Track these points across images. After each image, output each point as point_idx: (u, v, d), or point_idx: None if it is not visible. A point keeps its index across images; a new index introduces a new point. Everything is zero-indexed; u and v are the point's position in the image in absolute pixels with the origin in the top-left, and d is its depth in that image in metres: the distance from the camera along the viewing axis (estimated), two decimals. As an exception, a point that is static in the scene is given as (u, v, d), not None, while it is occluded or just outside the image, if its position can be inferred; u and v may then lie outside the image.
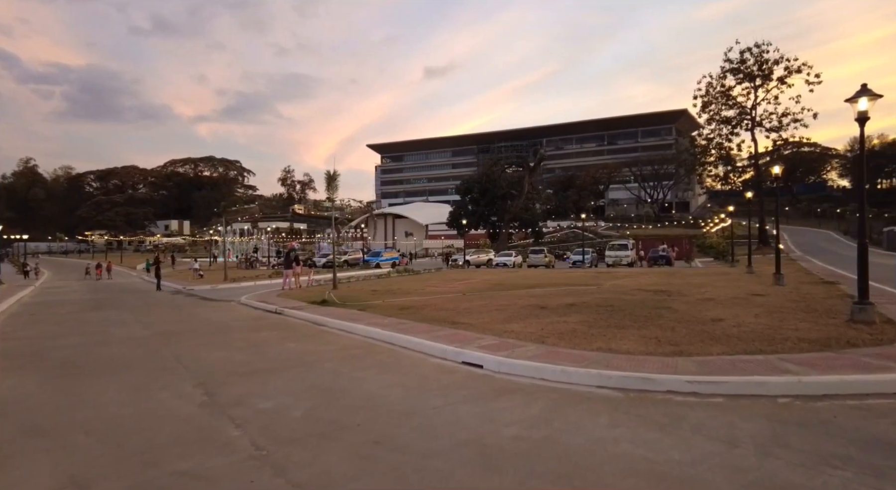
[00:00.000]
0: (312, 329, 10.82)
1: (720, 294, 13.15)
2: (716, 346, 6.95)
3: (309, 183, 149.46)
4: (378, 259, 42.89)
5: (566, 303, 12.12)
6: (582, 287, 16.93)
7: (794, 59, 50.80)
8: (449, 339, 8.30)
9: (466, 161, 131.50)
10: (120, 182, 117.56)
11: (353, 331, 10.11)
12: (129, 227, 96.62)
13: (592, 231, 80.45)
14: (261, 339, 9.59)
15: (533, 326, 9.06)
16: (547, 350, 7.18)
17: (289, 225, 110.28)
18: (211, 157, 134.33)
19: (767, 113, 53.12)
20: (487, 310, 11.58)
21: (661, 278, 19.91)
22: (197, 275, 30.63)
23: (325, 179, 18.74)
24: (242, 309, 15.30)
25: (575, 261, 36.47)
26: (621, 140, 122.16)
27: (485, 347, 7.50)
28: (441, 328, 9.41)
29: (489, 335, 8.49)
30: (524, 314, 10.62)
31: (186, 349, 8.81)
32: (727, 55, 53.35)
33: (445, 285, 20.28)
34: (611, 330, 8.44)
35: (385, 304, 13.53)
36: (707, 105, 55.78)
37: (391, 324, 10.11)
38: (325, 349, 8.45)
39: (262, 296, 17.78)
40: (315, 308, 13.56)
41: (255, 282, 26.12)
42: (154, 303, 17.92)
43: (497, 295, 15.16)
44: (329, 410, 5.12)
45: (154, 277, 24.26)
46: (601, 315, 10.02)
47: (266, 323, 11.95)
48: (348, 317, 11.44)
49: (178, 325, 11.89)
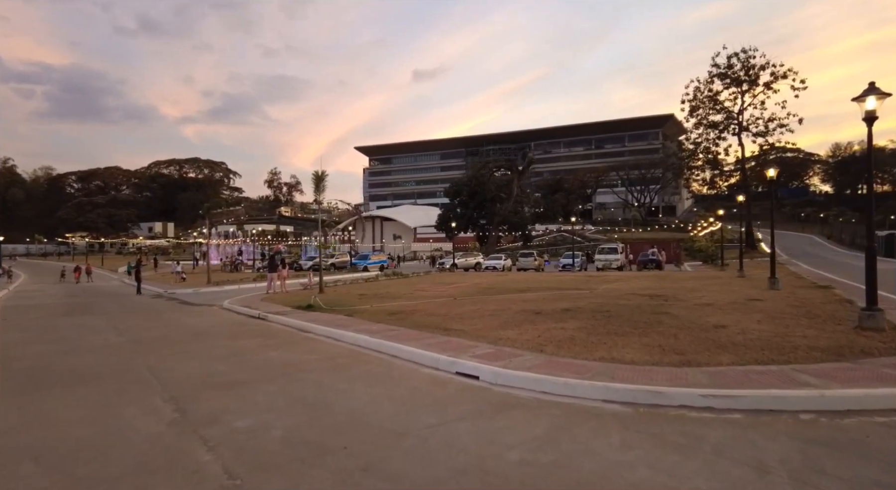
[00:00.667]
0: (297, 336, 10.30)
1: (717, 299, 12.86)
2: (724, 354, 6.58)
3: (296, 185, 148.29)
4: (366, 262, 42.30)
5: (561, 308, 11.73)
6: (575, 291, 16.59)
7: (780, 64, 51.32)
8: (441, 347, 7.85)
9: (455, 164, 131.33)
10: (102, 183, 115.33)
11: (339, 338, 9.62)
12: (112, 228, 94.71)
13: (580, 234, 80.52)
14: (241, 347, 9.06)
15: (529, 333, 8.64)
16: (546, 360, 6.76)
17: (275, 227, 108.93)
18: (196, 158, 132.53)
19: (754, 118, 53.58)
20: (480, 315, 11.15)
21: (653, 282, 19.66)
22: (179, 278, 29.83)
23: (312, 181, 18.20)
24: (224, 314, 14.71)
25: (565, 264, 36.22)
26: (609, 144, 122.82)
27: (480, 357, 7.06)
28: (432, 335, 8.96)
29: (484, 343, 8.06)
30: (519, 320, 10.20)
31: (161, 358, 8.25)
32: (714, 60, 53.75)
33: (435, 289, 19.83)
34: (611, 337, 8.05)
35: (373, 309, 13.05)
36: (695, 109, 56.11)
37: (380, 330, 9.64)
38: (309, 358, 7.95)
39: (246, 300, 17.19)
40: (300, 313, 13.04)
41: (238, 285, 25.44)
42: (132, 307, 17.23)
43: (489, 299, 14.74)
44: (313, 430, 4.65)
45: (135, 281, 23.45)
46: (599, 321, 9.63)
47: (248, 329, 11.40)
48: (335, 323, 10.94)
49: (154, 332, 11.30)
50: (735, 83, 53.36)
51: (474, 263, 40.43)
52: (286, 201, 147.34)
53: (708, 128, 55.96)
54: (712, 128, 55.94)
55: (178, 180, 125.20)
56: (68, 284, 30.38)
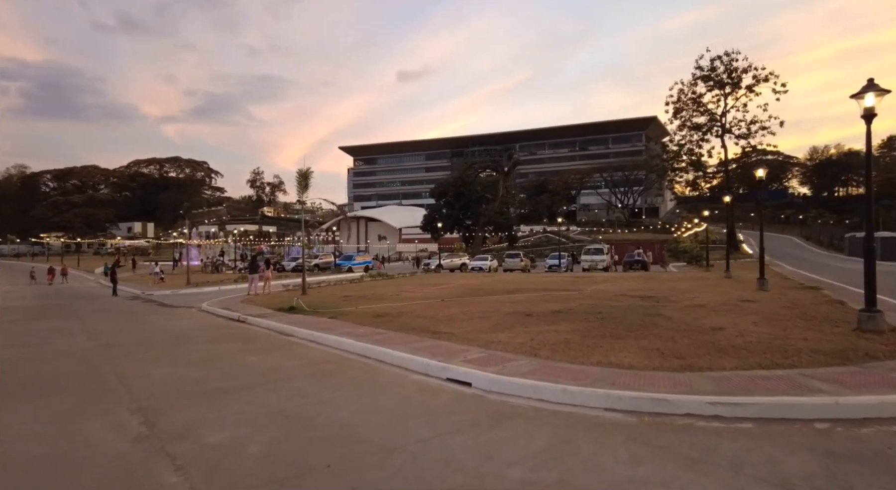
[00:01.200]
0: (278, 340, 9.86)
1: (709, 300, 12.70)
2: (726, 358, 6.33)
3: (279, 185, 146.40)
4: (350, 263, 41.68)
5: (552, 309, 11.45)
6: (564, 292, 16.35)
7: (762, 68, 52.03)
8: (431, 351, 7.50)
9: (440, 165, 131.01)
10: (79, 182, 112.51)
11: (323, 342, 9.20)
12: (89, 228, 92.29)
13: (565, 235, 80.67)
14: (219, 352, 8.60)
15: (521, 336, 8.33)
16: (542, 364, 6.44)
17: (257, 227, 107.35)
18: (177, 157, 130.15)
19: (736, 120, 54.25)
20: (469, 317, 10.81)
21: (641, 283, 19.53)
22: (158, 279, 29.01)
23: (297, 179, 17.69)
24: (203, 316, 14.17)
25: (551, 265, 36.08)
26: (593, 146, 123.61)
27: (472, 362, 6.72)
28: (421, 339, 8.60)
29: (475, 347, 7.73)
30: (510, 322, 9.89)
31: (133, 364, 7.76)
32: (698, 63, 54.31)
33: (421, 290, 19.46)
34: (606, 340, 7.77)
35: (359, 312, 12.63)
36: (679, 111, 56.61)
37: (366, 334, 9.25)
38: (291, 364, 7.53)
39: (226, 302, 16.64)
40: (282, 316, 12.57)
41: (219, 286, 24.78)
42: (106, 310, 16.56)
43: (477, 301, 14.42)
44: (293, 445, 4.25)
45: (111, 282, 22.64)
46: (592, 323, 9.36)
47: (227, 332, 10.92)
48: (319, 326, 10.52)
49: (128, 335, 10.75)
50: (718, 86, 53.97)
51: (460, 264, 40.01)
52: (269, 201, 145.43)
53: (692, 129, 56.53)
54: (696, 129, 56.51)
55: (159, 180, 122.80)
56: (40, 286, 29.34)
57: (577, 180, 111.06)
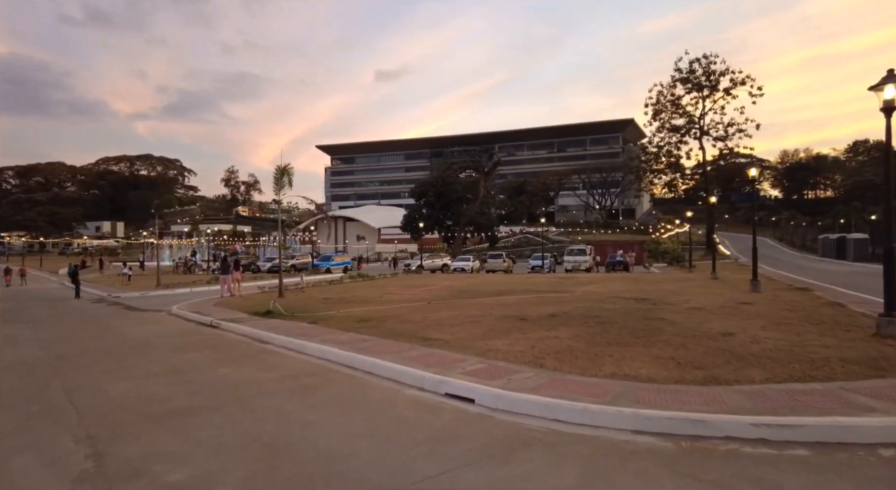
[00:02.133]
0: (253, 348, 9.02)
1: (705, 302, 12.28)
2: (750, 369, 5.79)
3: (254, 184, 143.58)
4: (328, 264, 40.64)
5: (547, 313, 10.86)
6: (553, 294, 15.81)
7: (739, 71, 52.73)
8: (424, 361, 6.80)
9: (419, 165, 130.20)
10: (44, 179, 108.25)
11: (303, 350, 8.41)
12: (54, 228, 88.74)
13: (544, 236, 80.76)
14: (187, 363, 7.74)
15: (521, 344, 7.69)
16: (550, 377, 5.81)
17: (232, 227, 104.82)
18: (149, 155, 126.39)
19: (714, 122, 54.87)
20: (461, 322, 10.14)
21: (629, 284, 19.14)
22: (125, 279, 27.62)
23: (274, 175, 16.77)
24: (172, 321, 13.19)
25: (534, 266, 35.68)
26: (571, 147, 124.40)
27: (472, 374, 6.05)
28: (411, 346, 7.90)
29: (471, 355, 7.06)
30: (505, 328, 9.25)
31: (87, 378, 6.87)
32: (677, 65, 54.76)
33: (405, 292, 18.72)
34: (613, 348, 7.19)
35: (340, 316, 11.86)
36: (658, 113, 57.02)
37: (350, 341, 8.50)
38: (268, 377, 6.75)
39: (198, 305, 15.65)
40: (258, 320, 11.72)
41: (191, 288, 23.61)
42: (66, 314, 15.39)
43: (465, 303, 13.76)
44: (272, 484, 3.52)
45: (72, 283, 21.27)
46: (593, 328, 8.78)
47: (197, 339, 10.03)
48: (298, 332, 9.72)
49: (86, 344, 9.77)
50: (696, 88, 54.50)
51: (441, 265, 39.25)
52: (244, 201, 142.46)
53: (670, 131, 56.99)
54: (674, 131, 56.99)
55: (129, 178, 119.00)
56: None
57: (555, 181, 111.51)
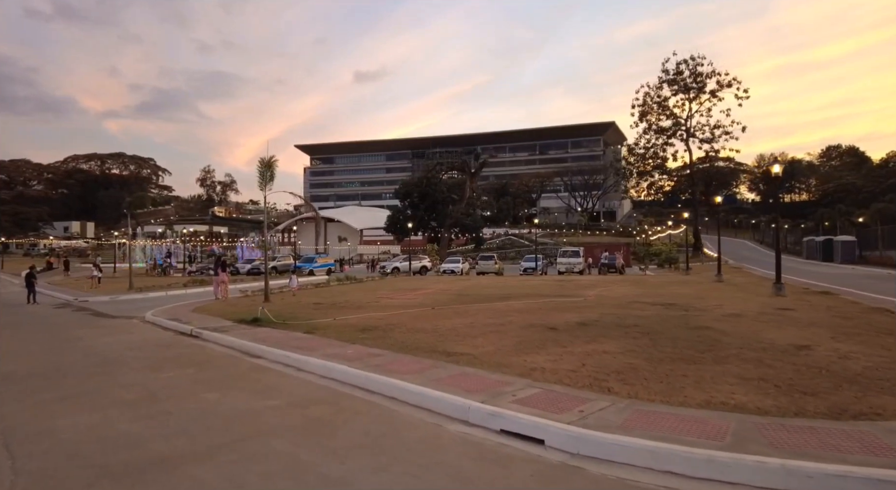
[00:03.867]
0: (243, 364, 7.67)
1: (739, 307, 11.32)
2: (874, 395, 4.72)
3: (230, 184, 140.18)
4: (312, 265, 38.99)
5: (573, 321, 9.72)
6: (564, 298, 14.73)
7: (726, 73, 52.79)
8: (458, 384, 5.58)
9: (401, 166, 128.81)
10: (7, 177, 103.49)
11: (304, 367, 7.11)
12: (18, 228, 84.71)
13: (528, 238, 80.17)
14: (165, 385, 6.36)
15: (567, 360, 6.53)
16: (631, 408, 4.64)
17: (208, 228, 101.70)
18: (121, 153, 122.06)
19: (700, 125, 54.84)
20: (481, 332, 8.93)
21: (637, 288, 18.21)
22: (95, 281, 25.67)
23: (258, 169, 15.33)
24: (146, 330, 11.67)
25: (526, 268, 34.66)
26: (552, 150, 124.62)
27: (527, 402, 4.85)
28: (434, 363, 6.67)
29: (513, 376, 5.87)
30: (536, 339, 8.08)
31: (35, 409, 5.45)
32: (664, 66, 54.62)
33: (400, 296, 17.46)
34: (681, 365, 6.08)
35: (339, 324, 10.54)
36: (644, 114, 56.80)
37: (359, 356, 7.22)
38: (267, 405, 5.43)
39: (175, 311, 14.12)
40: (245, 329, 10.33)
41: (166, 291, 21.91)
42: (23, 322, 13.67)
43: (473, 309, 12.57)
44: None
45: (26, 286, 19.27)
46: (639, 340, 7.68)
47: (176, 353, 8.61)
48: (294, 344, 8.39)
49: (41, 360, 8.27)
50: (683, 90, 54.40)
51: (419, 267, 37.31)
52: (220, 201, 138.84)
53: (657, 133, 56.80)
54: (661, 133, 56.82)
55: (100, 177, 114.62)
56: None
57: (537, 184, 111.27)
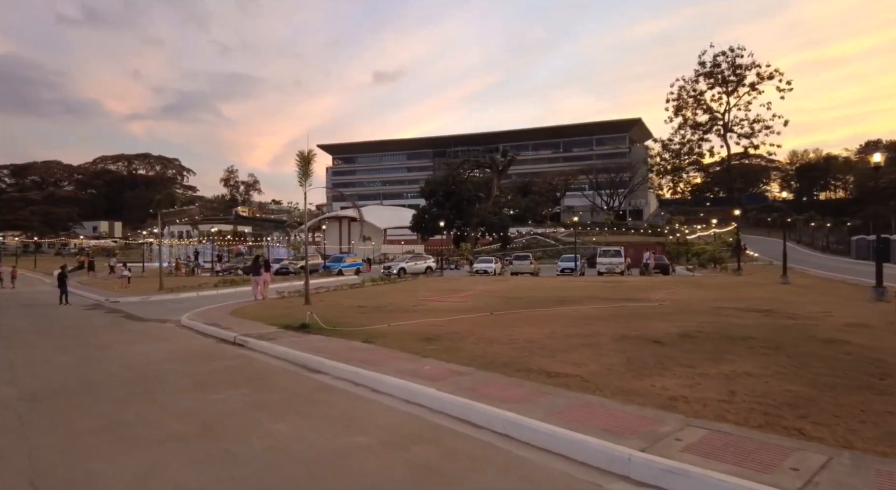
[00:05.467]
0: (305, 382, 6.57)
1: (853, 315, 9.90)
2: None
3: (253, 184, 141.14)
4: (340, 265, 38.14)
5: (671, 332, 8.44)
6: (633, 303, 13.40)
7: (767, 65, 50.42)
8: (587, 418, 4.40)
9: (422, 165, 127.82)
10: (39, 178, 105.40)
11: (379, 387, 5.98)
12: (49, 227, 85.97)
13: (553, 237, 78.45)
14: (219, 411, 5.29)
15: (707, 386, 5.28)
16: (864, 466, 3.39)
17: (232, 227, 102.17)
18: (147, 154, 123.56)
19: (738, 119, 52.57)
20: (568, 345, 7.71)
21: (705, 291, 16.78)
22: (125, 281, 25.12)
23: (297, 163, 14.34)
24: (183, 336, 10.73)
25: (564, 268, 33.23)
26: (576, 148, 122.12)
27: (703, 450, 3.64)
28: (538, 386, 5.50)
29: (652, 408, 4.66)
30: (644, 355, 6.83)
31: (67, 443, 4.42)
32: (701, 58, 52.49)
33: (444, 298, 16.32)
34: (864, 395, 4.80)
35: (395, 331, 9.43)
36: (679, 109, 54.72)
37: (442, 375, 6.07)
38: (352, 444, 4.30)
39: (211, 314, 13.19)
40: (293, 337, 9.28)
41: (197, 292, 21.14)
42: (52, 325, 12.87)
43: (538, 315, 11.35)
44: None
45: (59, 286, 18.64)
46: (775, 358, 6.38)
47: (222, 366, 7.58)
48: (357, 356, 7.28)
49: (72, 373, 7.30)
50: (721, 83, 52.21)
51: (424, 268, 35.45)
52: (243, 201, 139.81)
53: (692, 128, 54.67)
54: (696, 128, 54.67)
55: (127, 177, 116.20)
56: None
57: (561, 182, 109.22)
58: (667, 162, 57.08)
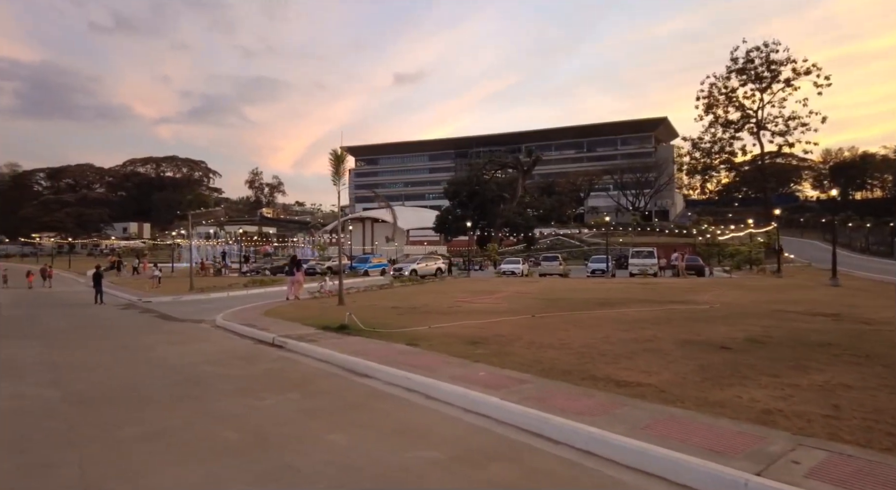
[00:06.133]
0: (354, 387, 6.23)
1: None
2: None
3: (278, 186, 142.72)
4: (366, 266, 38.12)
5: (737, 337, 7.89)
6: (681, 306, 12.81)
7: (804, 60, 48.75)
8: (679, 434, 3.95)
9: (444, 166, 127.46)
10: (73, 181, 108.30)
11: (434, 394, 5.61)
12: (82, 229, 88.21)
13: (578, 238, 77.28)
14: (271, 420, 4.97)
15: (803, 399, 4.78)
16: None
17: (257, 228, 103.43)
18: (174, 156, 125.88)
19: (772, 116, 50.92)
20: (629, 350, 7.24)
21: (753, 293, 16.04)
22: (155, 282, 25.35)
23: (330, 161, 14.12)
24: (220, 337, 10.54)
25: (595, 269, 32.48)
26: (600, 147, 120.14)
27: (832, 478, 3.17)
28: (610, 396, 5.07)
29: (747, 423, 4.19)
30: (716, 363, 6.33)
31: (116, 452, 4.15)
32: (733, 54, 51.03)
33: (478, 299, 15.92)
34: None
35: (437, 334, 9.07)
36: (710, 107, 53.27)
37: (500, 382, 5.67)
38: (421, 459, 3.93)
39: (245, 314, 13.03)
40: (333, 339, 8.99)
41: (227, 292, 21.16)
42: (90, 325, 12.87)
43: (585, 318, 10.87)
44: None
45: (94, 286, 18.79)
46: (870, 368, 5.83)
47: (265, 368, 7.31)
48: (404, 360, 6.94)
49: (114, 375, 7.12)
50: (754, 79, 50.64)
51: (435, 269, 33.39)
52: (268, 202, 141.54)
53: (723, 126, 53.13)
54: (727, 126, 53.13)
55: (155, 179, 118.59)
56: (15, 290, 25.60)
57: (585, 182, 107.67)
58: (697, 161, 55.49)
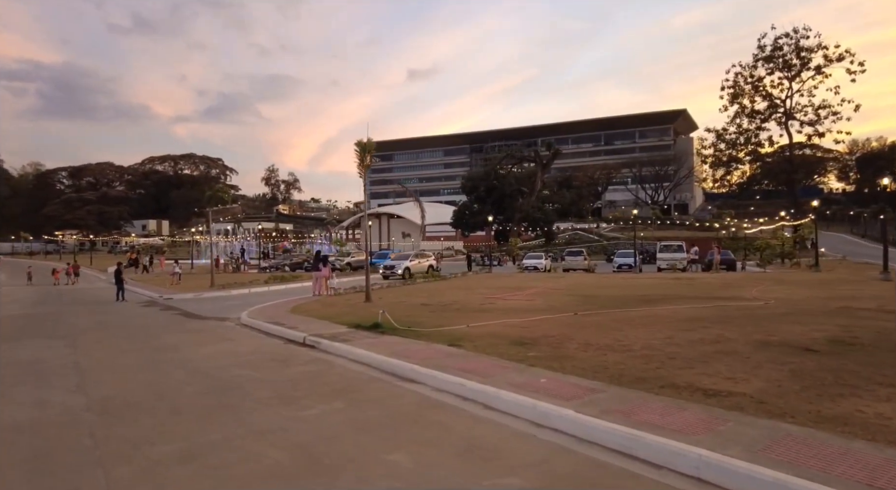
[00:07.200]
0: (403, 395, 5.63)
1: None
2: None
3: (293, 183, 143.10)
4: (385, 262, 37.54)
5: (815, 337, 7.16)
6: (729, 303, 12.03)
7: (836, 45, 46.80)
8: (814, 457, 3.32)
9: (459, 160, 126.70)
10: (94, 179, 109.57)
11: (495, 404, 5.00)
12: (102, 226, 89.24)
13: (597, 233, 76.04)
14: (318, 435, 4.40)
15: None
16: None
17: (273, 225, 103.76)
18: (192, 154, 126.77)
19: (801, 106, 49.09)
20: (701, 354, 6.55)
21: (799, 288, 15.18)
22: (176, 278, 25.11)
23: (356, 152, 13.56)
24: (247, 336, 10.05)
25: (621, 264, 31.59)
26: (618, 140, 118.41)
27: None
28: (706, 410, 4.41)
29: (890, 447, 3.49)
30: (809, 369, 5.62)
31: (149, 478, 3.61)
32: (760, 42, 49.19)
33: (509, 296, 15.27)
34: None
35: (478, 333, 8.46)
36: (735, 97, 51.52)
37: (572, 392, 5.03)
38: (501, 486, 3.33)
39: (270, 311, 12.56)
40: (369, 338, 8.43)
41: (249, 289, 20.78)
42: (114, 323, 12.48)
43: (633, 316, 10.17)
44: None
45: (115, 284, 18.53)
46: None
47: (300, 372, 6.77)
48: (451, 363, 6.33)
49: (141, 379, 6.63)
50: (783, 67, 48.82)
51: (426, 266, 31.08)
52: (284, 199, 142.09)
53: (749, 116, 51.35)
54: (754, 116, 51.35)
55: (173, 177, 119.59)
56: (41, 287, 25.56)
57: (602, 176, 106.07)
58: (722, 152, 53.76)
